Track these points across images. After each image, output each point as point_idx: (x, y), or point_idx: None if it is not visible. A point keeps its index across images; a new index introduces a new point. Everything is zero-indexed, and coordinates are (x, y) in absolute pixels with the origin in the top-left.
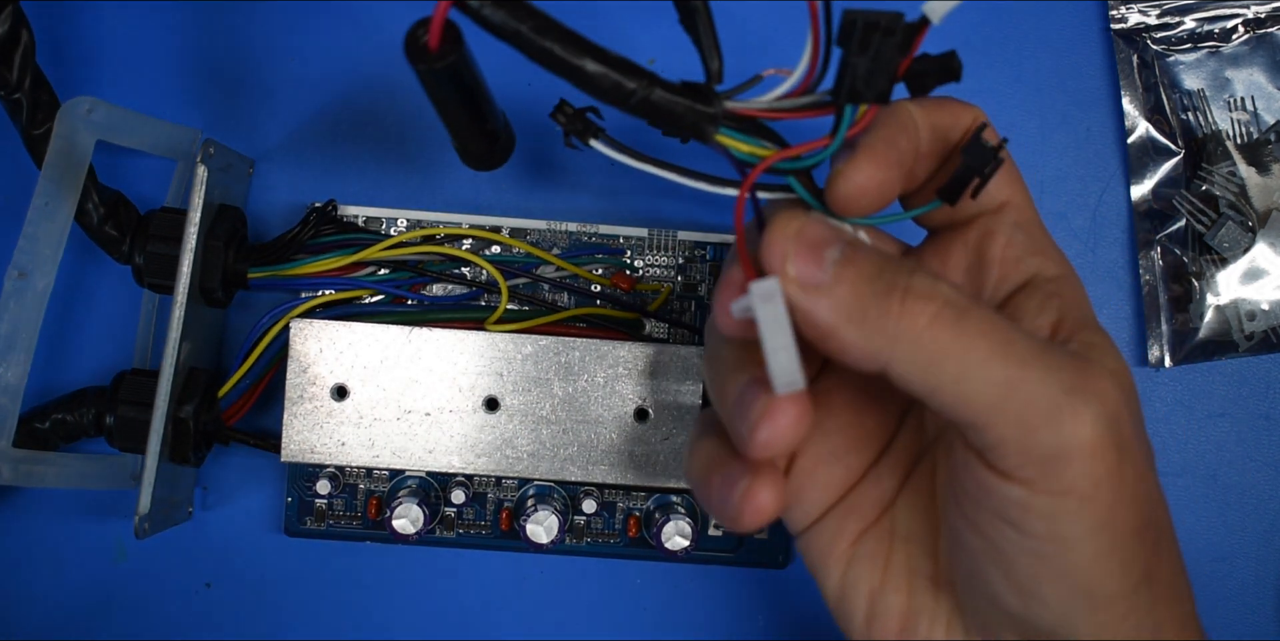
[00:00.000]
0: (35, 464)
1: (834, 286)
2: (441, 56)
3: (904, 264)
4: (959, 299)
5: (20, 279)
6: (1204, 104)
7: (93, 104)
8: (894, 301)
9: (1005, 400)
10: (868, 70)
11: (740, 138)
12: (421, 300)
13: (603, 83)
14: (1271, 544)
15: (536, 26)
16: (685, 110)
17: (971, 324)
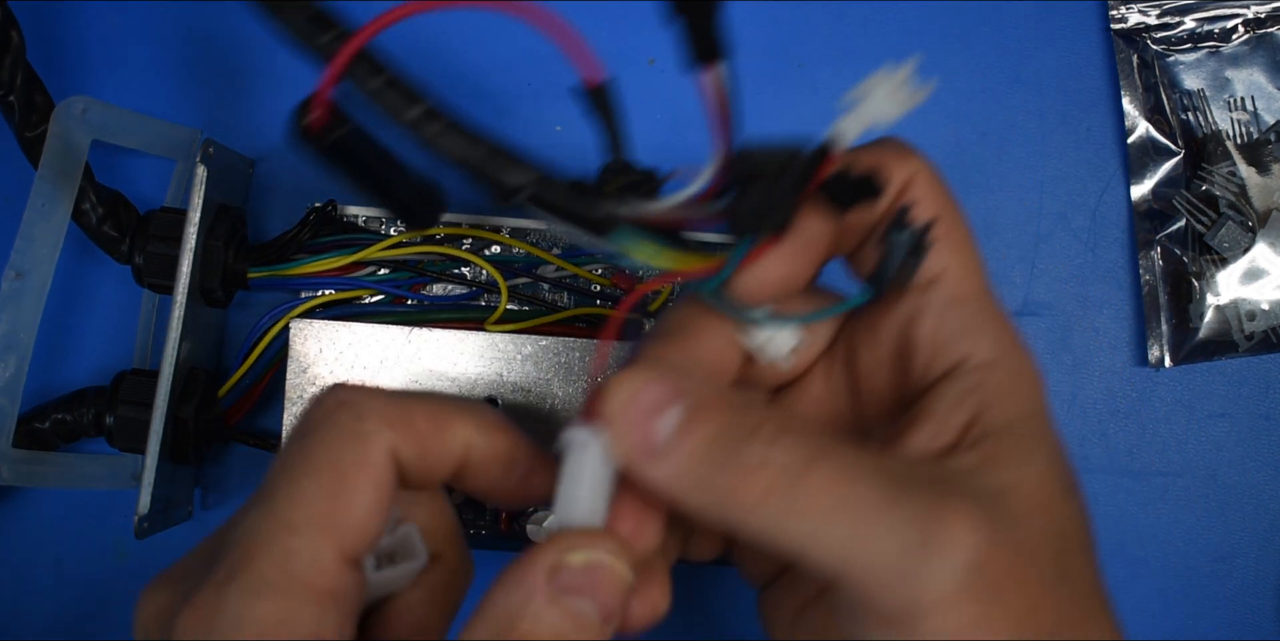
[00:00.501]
0: (35, 464)
1: (668, 456)
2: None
3: (751, 412)
4: (805, 448)
5: (17, 279)
6: (1204, 104)
7: (88, 103)
8: (729, 472)
9: (852, 557)
10: (755, 209)
11: (635, 243)
12: (421, 300)
13: (490, 178)
14: (1271, 544)
15: (425, 114)
16: (570, 215)
17: (816, 476)
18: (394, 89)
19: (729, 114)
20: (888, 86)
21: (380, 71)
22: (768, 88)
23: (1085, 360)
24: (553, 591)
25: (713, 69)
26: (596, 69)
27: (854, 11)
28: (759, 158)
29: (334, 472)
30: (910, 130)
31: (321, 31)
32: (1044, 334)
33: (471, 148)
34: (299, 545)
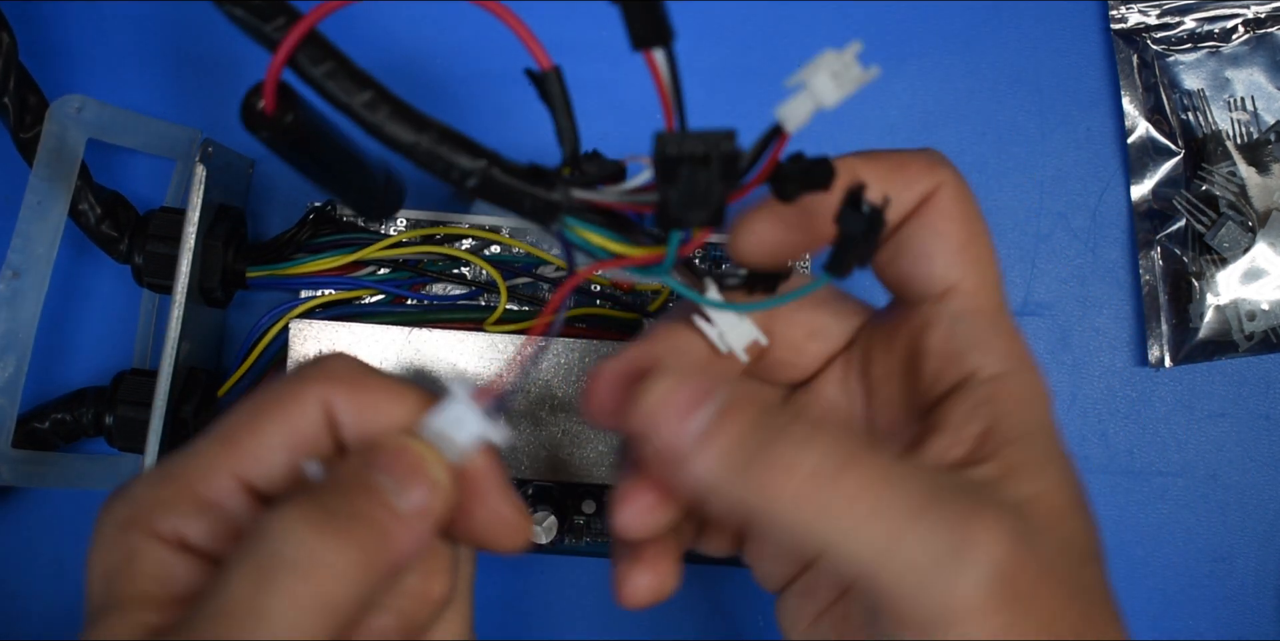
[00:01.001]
0: (35, 464)
1: (702, 453)
2: (278, 121)
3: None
4: (837, 451)
5: (14, 279)
6: (1204, 104)
7: (83, 102)
8: (762, 469)
9: (885, 562)
10: (680, 201)
11: (589, 228)
12: (421, 300)
13: (441, 162)
14: (1271, 544)
15: (371, 99)
16: (526, 195)
17: (850, 479)
18: (342, 73)
19: (673, 99)
20: (832, 68)
21: (328, 57)
22: (767, 87)
23: (1085, 360)
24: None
25: (653, 54)
26: (545, 57)
27: (854, 11)
28: (681, 140)
29: (263, 402)
30: (911, 130)
31: (269, 17)
32: (1044, 334)
33: (421, 132)
34: (203, 449)
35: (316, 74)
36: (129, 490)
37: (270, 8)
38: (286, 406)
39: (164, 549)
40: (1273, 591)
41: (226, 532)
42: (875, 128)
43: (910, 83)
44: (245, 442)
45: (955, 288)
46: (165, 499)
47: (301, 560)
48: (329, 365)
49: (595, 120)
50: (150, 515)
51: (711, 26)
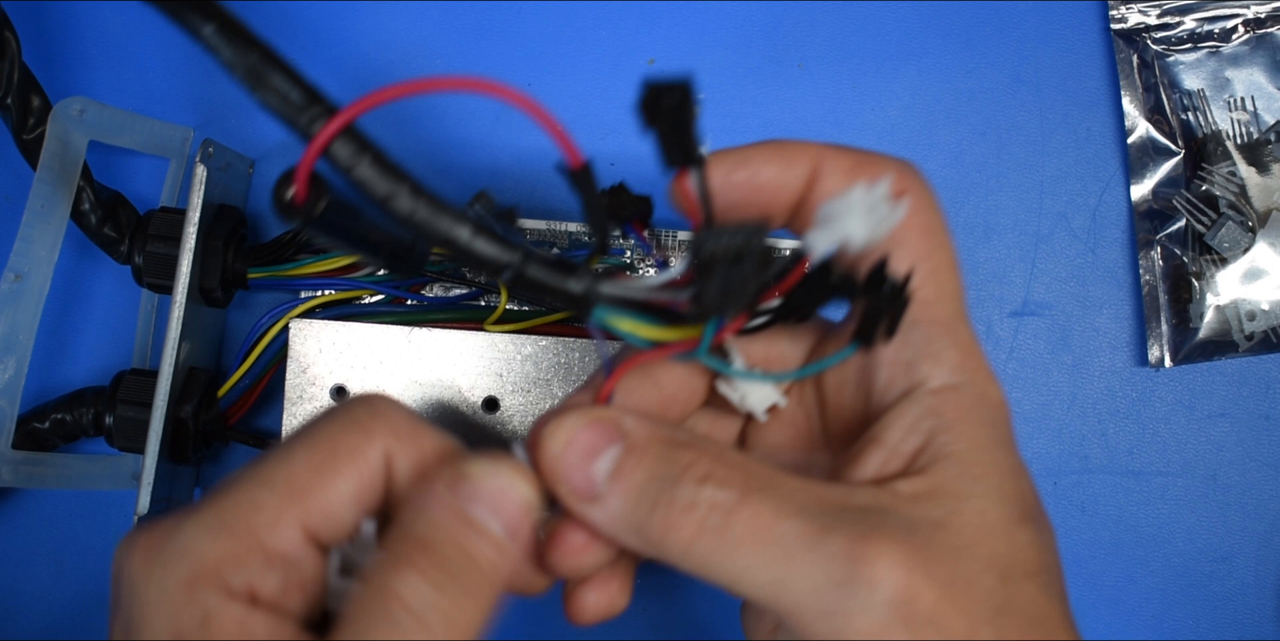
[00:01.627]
0: (35, 465)
1: (604, 500)
2: (309, 211)
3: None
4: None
5: (16, 281)
6: (1204, 104)
7: (84, 104)
8: (661, 513)
9: (779, 596)
10: (717, 295)
11: (621, 314)
12: (421, 300)
13: (475, 257)
14: (1271, 544)
15: (409, 195)
16: (556, 290)
17: (744, 516)
18: (377, 168)
19: (703, 214)
20: (864, 206)
21: (364, 151)
22: (768, 88)
23: (1085, 360)
24: (452, 498)
25: (685, 174)
26: (577, 153)
27: (854, 11)
28: (719, 241)
29: (327, 451)
30: (911, 129)
31: (303, 108)
32: (1044, 334)
33: (455, 228)
34: (267, 501)
35: (351, 168)
36: (181, 543)
37: (304, 99)
38: (356, 459)
39: (239, 605)
40: (1273, 591)
41: (293, 585)
42: (875, 128)
43: (910, 83)
44: (314, 495)
45: (924, 297)
46: (233, 553)
47: (431, 618)
48: (388, 415)
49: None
50: (219, 571)
51: (711, 26)
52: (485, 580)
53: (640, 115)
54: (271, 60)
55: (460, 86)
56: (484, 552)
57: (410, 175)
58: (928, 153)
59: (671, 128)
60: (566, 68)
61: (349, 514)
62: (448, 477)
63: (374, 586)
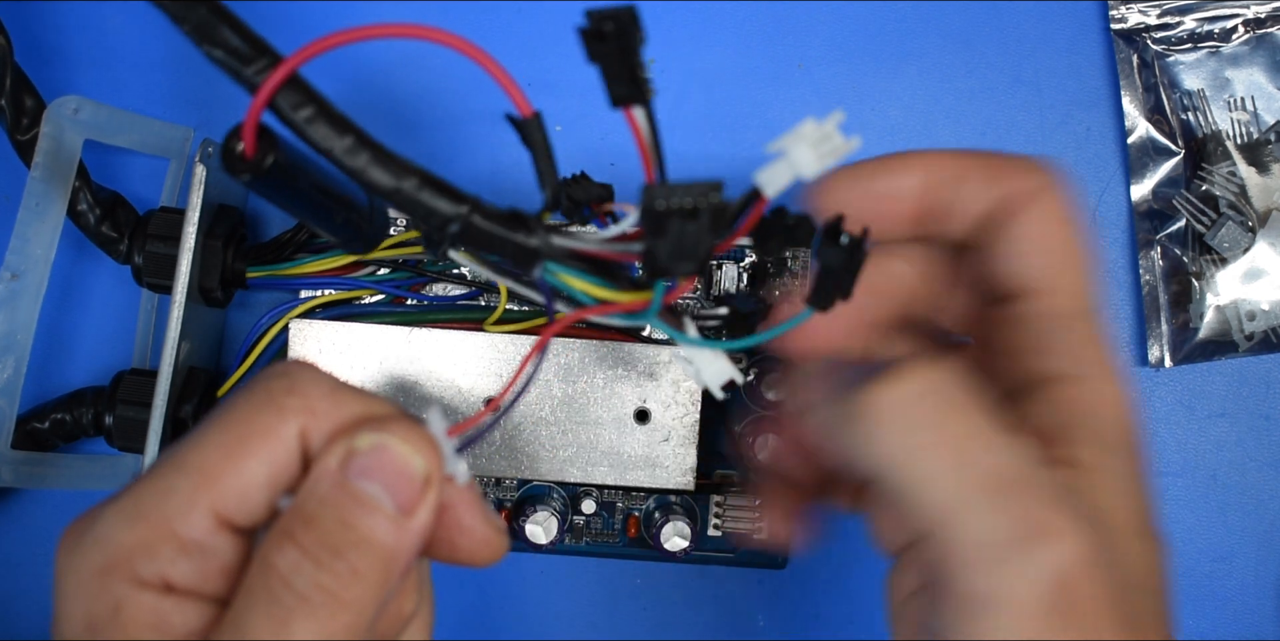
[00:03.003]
0: (35, 465)
1: None
2: (257, 164)
3: None
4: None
5: (13, 280)
6: (1204, 104)
7: (79, 103)
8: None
9: (953, 526)
10: (668, 253)
11: (570, 272)
12: (421, 300)
13: (422, 207)
14: (1271, 544)
15: (352, 145)
16: (507, 242)
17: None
18: (322, 118)
19: (652, 155)
20: (813, 138)
21: (309, 101)
22: (768, 88)
23: None
24: (340, 473)
25: (632, 111)
26: (525, 103)
27: (854, 11)
28: (670, 194)
29: (238, 432)
30: (911, 129)
31: (249, 60)
32: None
33: (403, 177)
34: (179, 485)
35: (297, 119)
36: (96, 532)
37: (251, 50)
38: (268, 439)
39: (151, 594)
40: (1273, 591)
41: (210, 571)
42: (875, 128)
43: (910, 83)
44: (225, 479)
45: (1050, 289)
46: (144, 541)
47: (315, 596)
48: (304, 389)
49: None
50: (131, 560)
51: (711, 27)
52: (376, 557)
53: (584, 46)
54: (219, 13)
55: (404, 33)
56: (375, 529)
57: (357, 125)
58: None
59: (617, 58)
60: (567, 68)
61: (263, 495)
62: (339, 451)
63: (257, 564)
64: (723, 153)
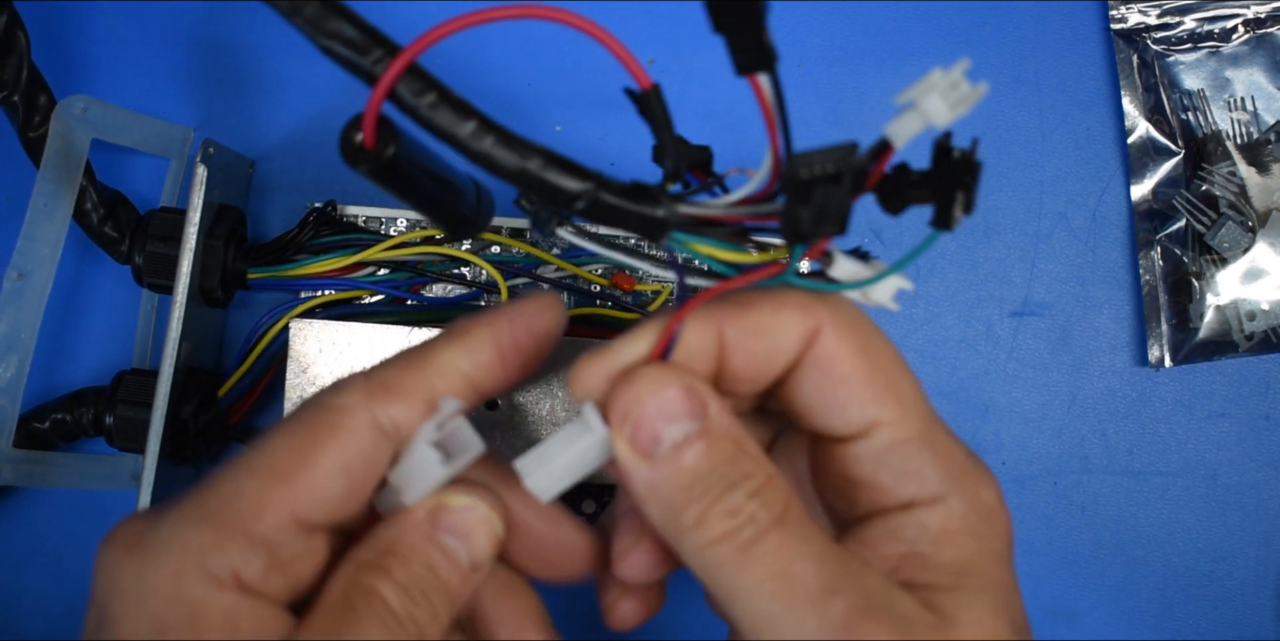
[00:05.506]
0: (35, 464)
1: (658, 465)
2: (378, 155)
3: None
4: (764, 519)
5: (19, 280)
6: (1204, 104)
7: (87, 102)
8: (703, 504)
9: (762, 631)
10: (813, 218)
11: (698, 240)
12: (421, 300)
13: (548, 186)
14: (1271, 544)
15: (478, 128)
16: (634, 214)
17: (765, 547)
18: (445, 105)
19: (777, 119)
20: (943, 86)
21: (430, 88)
22: None
23: (1085, 360)
24: (430, 527)
25: (757, 78)
26: (645, 76)
27: (854, 11)
28: (812, 161)
29: (305, 433)
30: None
31: (367, 51)
32: (1044, 334)
33: (527, 158)
34: (248, 486)
35: (420, 106)
36: (161, 536)
37: (367, 41)
38: (337, 434)
39: (228, 594)
40: (1273, 591)
41: (284, 570)
42: (875, 128)
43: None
44: (298, 476)
45: (873, 424)
46: (216, 541)
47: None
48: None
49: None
50: (204, 560)
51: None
52: (446, 601)
53: (709, 13)
54: (330, 5)
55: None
56: (451, 579)
57: (479, 110)
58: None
59: (743, 23)
60: (567, 68)
61: (337, 491)
62: (430, 505)
63: (354, 583)
64: (723, 153)
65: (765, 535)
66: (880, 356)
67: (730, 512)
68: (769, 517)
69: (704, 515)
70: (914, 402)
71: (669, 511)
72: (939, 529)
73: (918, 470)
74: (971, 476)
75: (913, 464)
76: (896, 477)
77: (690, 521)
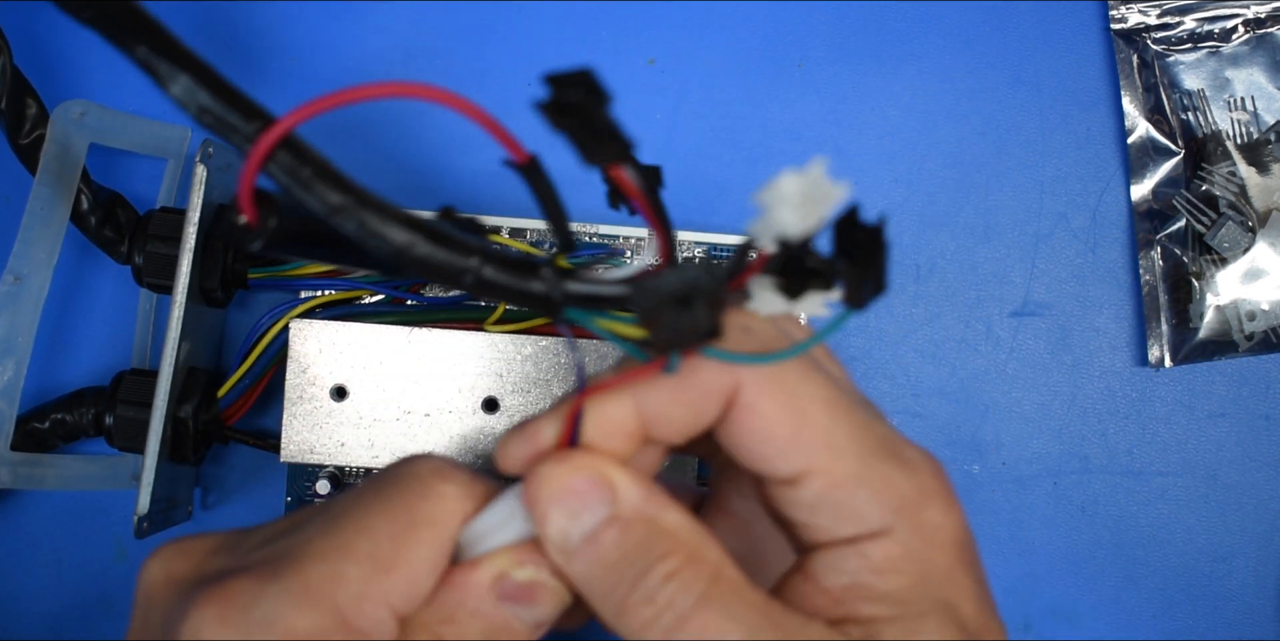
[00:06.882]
0: (35, 466)
1: (572, 562)
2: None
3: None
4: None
5: (16, 283)
6: (1204, 104)
7: (84, 107)
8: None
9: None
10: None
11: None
12: (421, 300)
13: (431, 264)
14: (1271, 544)
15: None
16: (520, 293)
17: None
18: (319, 181)
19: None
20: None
21: (304, 163)
22: (768, 88)
23: (1085, 360)
24: (494, 596)
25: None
26: (520, 148)
27: (854, 11)
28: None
29: (405, 519)
30: (911, 129)
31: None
32: (1044, 334)
33: (411, 233)
34: (352, 574)
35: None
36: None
37: (241, 115)
38: (435, 529)
39: None
40: (1273, 591)
41: None
42: (875, 128)
43: (910, 83)
44: (399, 569)
45: (802, 474)
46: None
47: None
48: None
49: None
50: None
51: (711, 26)
52: None
53: (544, 116)
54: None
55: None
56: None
57: (356, 185)
58: (928, 152)
59: (584, 121)
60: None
61: (428, 584)
62: (492, 570)
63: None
64: (722, 153)
65: (688, 619)
66: (806, 404)
67: (648, 599)
68: (689, 600)
69: (623, 604)
70: (845, 444)
71: (598, 599)
72: (881, 558)
73: (853, 510)
74: (912, 501)
75: (848, 505)
76: (834, 520)
77: (613, 611)
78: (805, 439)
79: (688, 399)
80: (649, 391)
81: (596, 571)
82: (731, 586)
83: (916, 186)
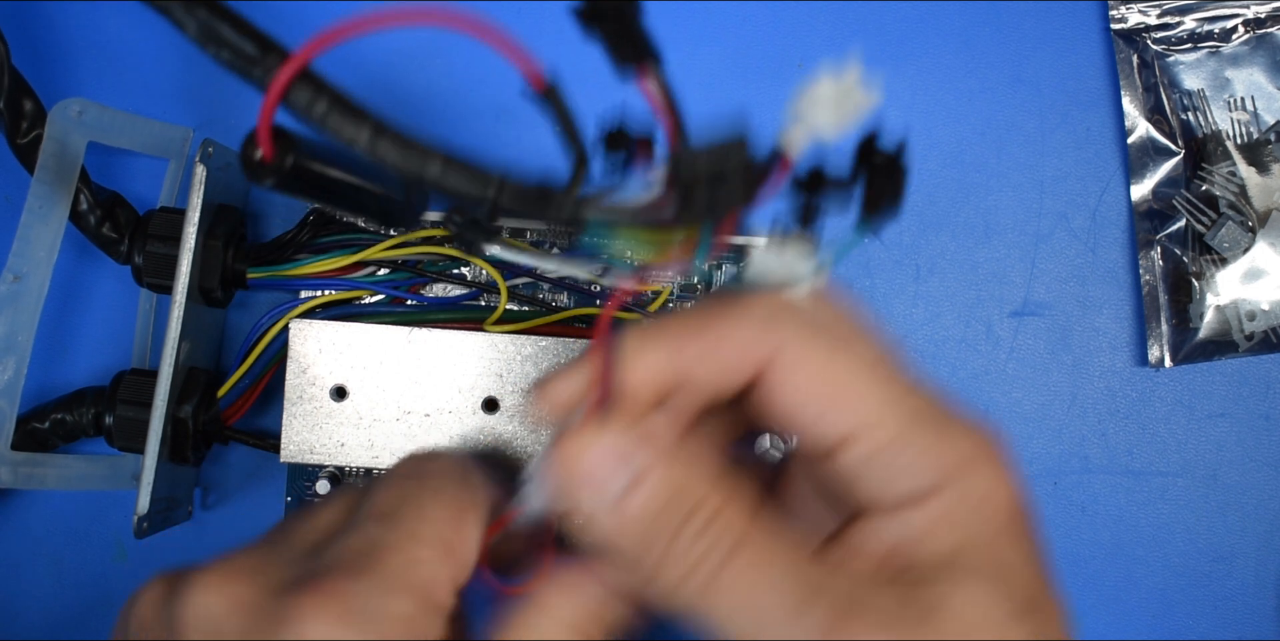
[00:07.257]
0: (35, 466)
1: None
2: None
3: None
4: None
5: (15, 282)
6: (1204, 104)
7: (83, 106)
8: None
9: None
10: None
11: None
12: (421, 300)
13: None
14: (1271, 544)
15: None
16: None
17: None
18: (337, 112)
19: (672, 113)
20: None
21: (320, 95)
22: (768, 88)
23: (1085, 360)
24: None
25: (643, 71)
26: (540, 75)
27: (854, 11)
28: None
29: (455, 506)
30: (911, 130)
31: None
32: (1044, 334)
33: (427, 162)
34: (426, 556)
35: (312, 115)
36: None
37: (257, 49)
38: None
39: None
40: (1273, 591)
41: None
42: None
43: (910, 83)
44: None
45: (845, 438)
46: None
47: None
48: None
49: None
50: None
51: (711, 26)
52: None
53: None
54: (220, 13)
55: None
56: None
57: (373, 114)
58: (928, 152)
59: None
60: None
61: (475, 559)
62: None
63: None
64: None
65: (728, 563)
66: (847, 365)
67: (687, 550)
68: (727, 546)
69: (663, 556)
70: (889, 407)
71: (633, 561)
72: (922, 523)
73: (900, 473)
74: (959, 466)
75: (894, 468)
76: (880, 484)
77: (654, 563)
78: (847, 401)
79: (726, 360)
80: (688, 346)
81: (632, 529)
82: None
83: (916, 186)
